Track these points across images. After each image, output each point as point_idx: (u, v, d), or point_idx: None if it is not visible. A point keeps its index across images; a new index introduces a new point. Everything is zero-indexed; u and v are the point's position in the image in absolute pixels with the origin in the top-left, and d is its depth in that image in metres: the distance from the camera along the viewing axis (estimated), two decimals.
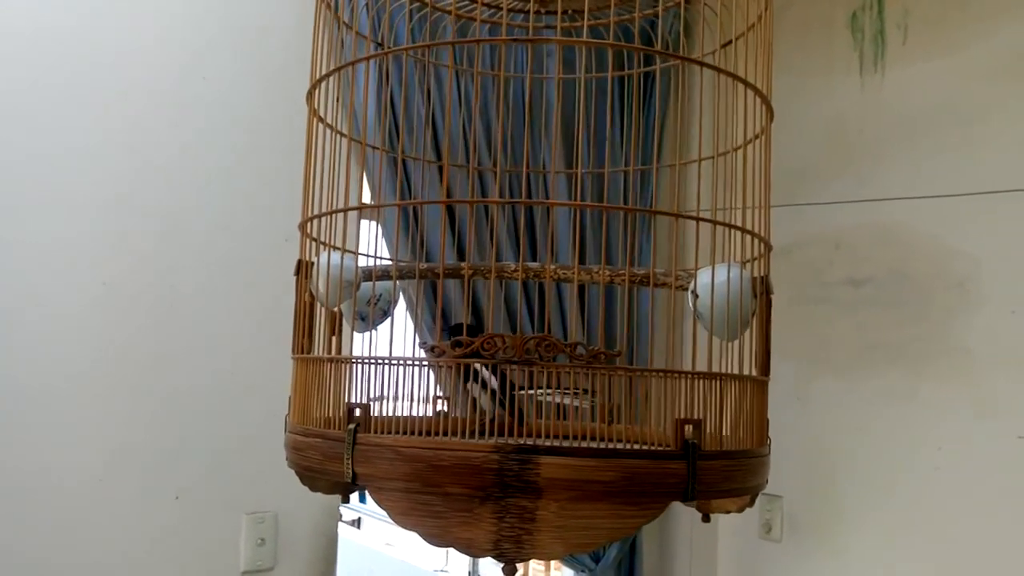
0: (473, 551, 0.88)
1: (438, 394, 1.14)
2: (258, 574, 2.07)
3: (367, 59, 0.98)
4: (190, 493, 1.97)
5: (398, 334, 0.98)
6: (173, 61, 1.98)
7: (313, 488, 1.06)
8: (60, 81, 1.84)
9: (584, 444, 0.91)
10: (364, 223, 1.19)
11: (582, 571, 2.55)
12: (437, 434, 0.96)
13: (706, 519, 1.09)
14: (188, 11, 2.00)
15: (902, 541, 2.31)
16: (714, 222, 0.99)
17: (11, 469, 1.77)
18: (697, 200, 1.03)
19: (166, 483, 1.95)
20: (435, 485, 0.86)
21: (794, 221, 2.55)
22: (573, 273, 1.14)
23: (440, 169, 2.03)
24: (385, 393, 0.96)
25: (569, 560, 2.55)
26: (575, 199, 1.72)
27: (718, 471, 0.93)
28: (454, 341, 0.87)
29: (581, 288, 2.21)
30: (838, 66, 2.51)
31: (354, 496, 2.58)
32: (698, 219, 0.96)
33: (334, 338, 1.06)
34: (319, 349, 1.06)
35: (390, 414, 0.97)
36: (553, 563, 3.23)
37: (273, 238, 2.01)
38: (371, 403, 0.96)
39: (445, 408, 1.17)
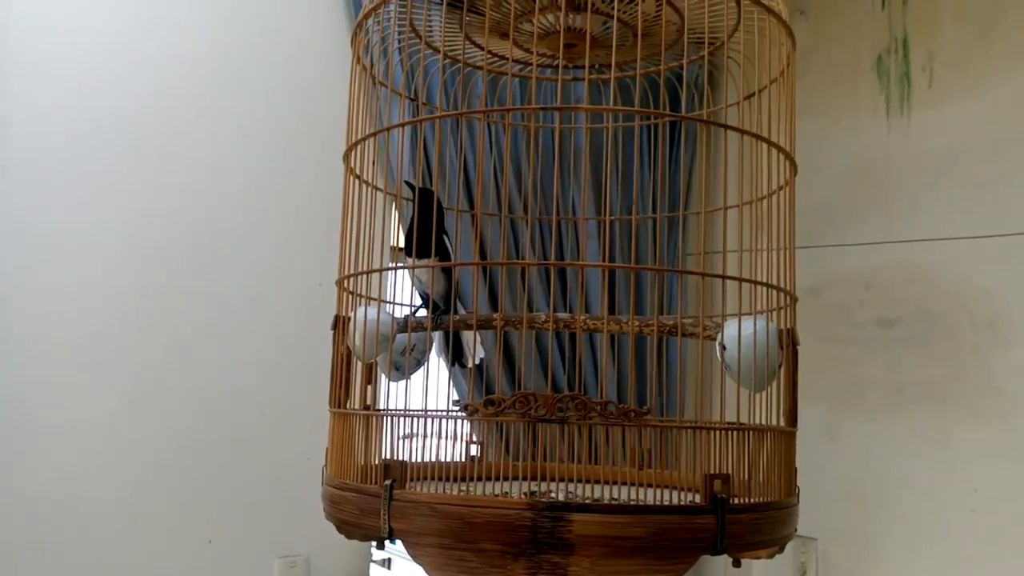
0: None
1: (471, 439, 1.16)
2: None
3: (404, 125, 1.01)
4: (223, 536, 1.98)
5: (430, 385, 1.00)
6: (210, 105, 2.02)
7: (350, 536, 1.08)
8: (95, 127, 1.87)
9: (623, 499, 0.92)
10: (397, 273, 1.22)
11: None
12: (470, 479, 0.97)
13: (736, 564, 1.10)
14: (228, 56, 2.04)
15: None
16: (740, 279, 1.00)
17: (44, 511, 1.78)
18: (724, 255, 1.05)
19: (199, 526, 1.96)
20: (469, 541, 0.88)
21: (823, 261, 2.55)
22: (603, 324, 1.16)
23: (472, 218, 2.05)
24: (415, 433, 0.98)
25: None
26: (605, 245, 1.74)
27: (747, 524, 0.94)
28: (487, 400, 0.89)
29: (612, 338, 2.23)
30: (864, 108, 2.52)
31: None
32: (724, 277, 0.98)
33: (369, 387, 1.08)
34: (355, 402, 1.08)
35: (422, 460, 0.99)
36: None
37: (308, 284, 2.04)
38: (401, 441, 0.98)
39: (476, 453, 1.19)
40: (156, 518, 1.91)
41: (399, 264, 1.00)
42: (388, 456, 0.96)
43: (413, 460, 1.00)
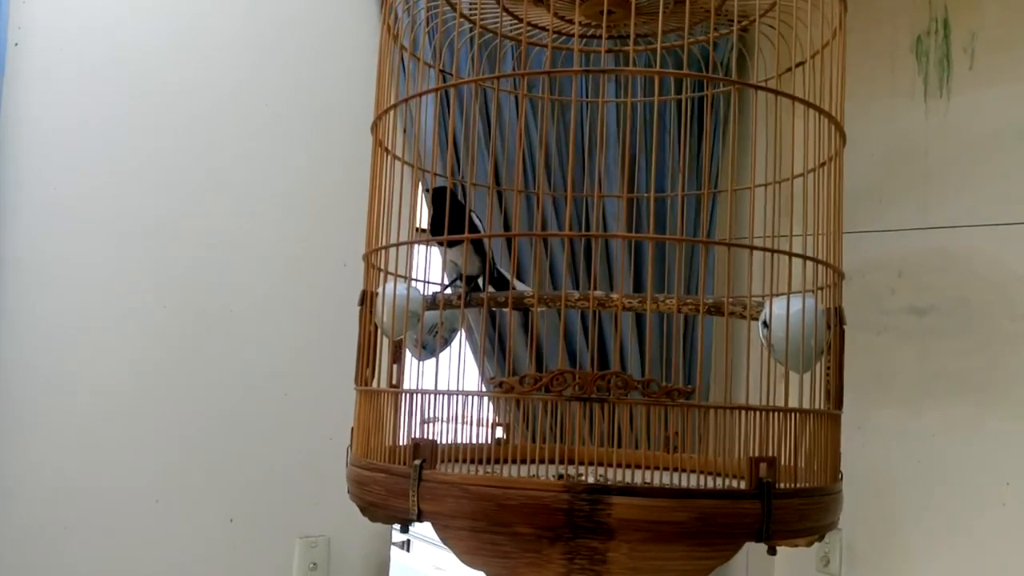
0: None
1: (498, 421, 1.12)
2: None
3: (435, 90, 0.97)
4: (244, 516, 1.97)
5: (457, 363, 0.96)
6: (236, 88, 1.99)
7: (373, 519, 1.04)
8: (123, 108, 1.85)
9: (656, 484, 0.88)
10: (425, 250, 1.17)
11: None
12: (501, 462, 0.93)
13: (772, 551, 1.05)
14: (251, 39, 2.01)
15: None
16: (788, 253, 0.96)
17: (67, 491, 1.78)
18: (751, 227, 1.00)
19: (220, 506, 1.95)
20: (503, 524, 0.83)
21: (855, 247, 2.49)
22: (643, 303, 1.12)
23: (499, 195, 2.02)
24: (441, 417, 0.94)
25: None
26: (633, 225, 1.70)
27: (793, 510, 0.90)
28: (523, 377, 0.85)
29: (643, 319, 2.18)
30: (902, 90, 2.46)
31: None
32: (769, 251, 0.94)
33: (395, 366, 1.04)
34: (381, 380, 1.05)
35: (448, 441, 0.96)
36: None
37: (332, 263, 2.02)
38: (428, 423, 0.94)
39: (502, 435, 1.15)
40: (177, 497, 1.90)
41: (429, 238, 0.95)
42: (417, 436, 0.92)
43: (440, 441, 0.96)
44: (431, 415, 0.95)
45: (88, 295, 1.81)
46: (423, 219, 1.61)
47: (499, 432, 1.15)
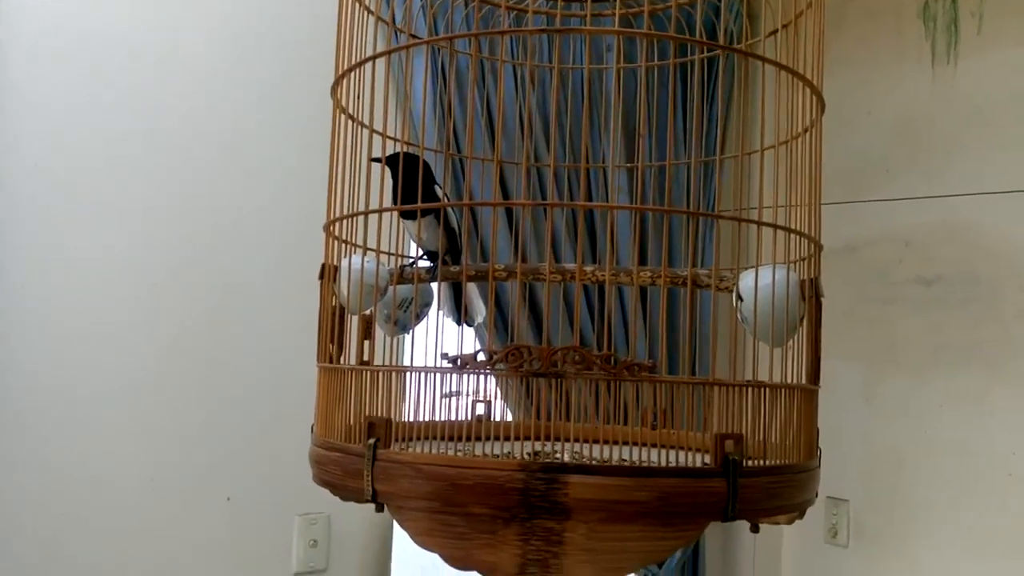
0: (497, 575, 0.83)
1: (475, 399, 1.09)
2: None
3: (387, 52, 0.94)
4: (242, 494, 1.97)
5: (429, 340, 0.94)
6: (220, 61, 1.97)
7: (344, 499, 1.02)
8: (98, 86, 1.84)
9: (617, 456, 0.85)
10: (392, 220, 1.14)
11: (645, 574, 2.50)
12: (471, 439, 0.91)
13: (755, 529, 1.03)
14: (229, 12, 1.98)
15: (973, 548, 2.23)
16: (757, 223, 0.93)
17: (63, 470, 1.77)
18: (743, 196, 0.97)
19: (218, 484, 1.95)
20: (457, 505, 0.81)
21: (861, 217, 2.47)
22: (616, 276, 1.09)
23: (499, 167, 1.99)
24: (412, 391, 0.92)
25: None
26: (637, 196, 1.67)
27: (761, 488, 0.87)
28: (476, 353, 0.83)
29: (643, 292, 2.15)
30: (908, 57, 2.42)
31: None
32: (741, 220, 0.91)
33: (367, 343, 1.02)
34: (348, 357, 1.03)
35: (422, 419, 0.93)
36: None
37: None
38: (448, 397, 0.92)
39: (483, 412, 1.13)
40: (174, 476, 1.90)
41: (392, 207, 0.93)
42: (378, 414, 0.89)
43: (413, 420, 0.94)
44: (448, 390, 0.93)
45: (79, 279, 1.80)
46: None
47: (479, 409, 1.13)
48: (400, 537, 2.34)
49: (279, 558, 2.02)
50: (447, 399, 0.94)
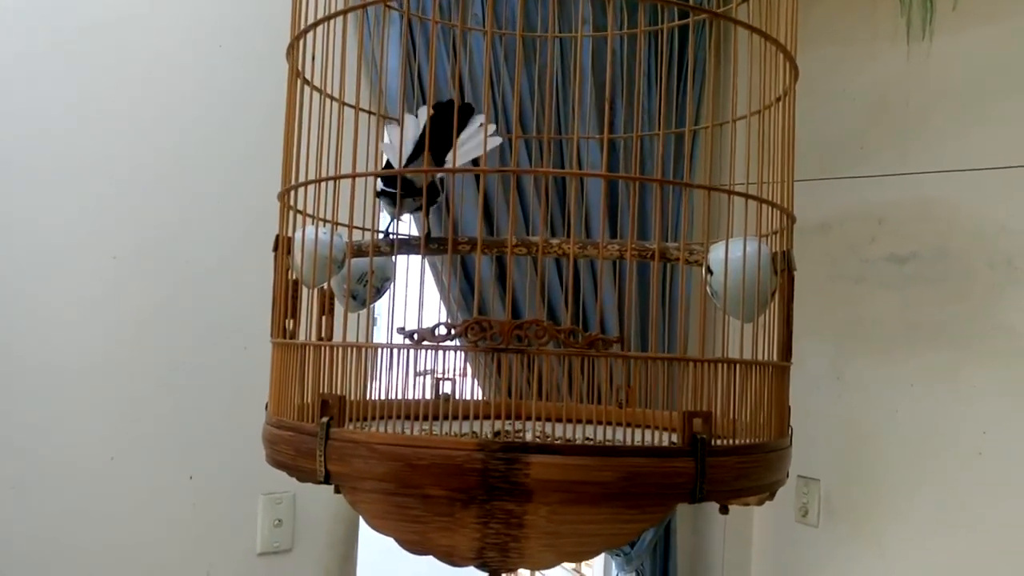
0: (454, 560, 0.79)
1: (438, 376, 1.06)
2: (275, 556, 2.03)
3: (349, 10, 0.90)
4: (205, 473, 1.93)
5: (389, 315, 0.90)
6: (176, 29, 1.92)
7: (301, 480, 0.99)
8: (52, 58, 1.78)
9: (583, 436, 0.82)
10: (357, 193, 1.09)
11: (616, 555, 2.49)
12: (433, 418, 0.88)
13: (724, 511, 1.00)
14: None
15: (943, 527, 2.22)
16: (727, 191, 0.89)
17: (21, 448, 1.73)
18: (715, 167, 0.94)
19: (180, 463, 1.91)
20: (413, 486, 0.77)
21: (834, 195, 2.46)
22: (582, 248, 1.05)
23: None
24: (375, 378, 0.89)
25: None
26: (606, 167, 1.63)
27: (731, 468, 0.84)
28: (435, 326, 0.79)
29: (614, 265, 2.13)
30: (883, 34, 2.39)
31: None
32: (712, 188, 0.87)
33: (324, 319, 0.98)
34: (305, 333, 0.99)
35: (380, 398, 0.90)
36: None
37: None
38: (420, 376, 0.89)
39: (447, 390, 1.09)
40: (134, 454, 1.85)
41: (353, 174, 0.88)
42: (333, 391, 0.85)
43: (373, 398, 0.91)
44: (423, 368, 0.90)
45: (37, 254, 1.75)
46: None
47: (445, 387, 1.09)
48: None
49: (243, 538, 1.99)
50: (419, 377, 0.91)
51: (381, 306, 1.18)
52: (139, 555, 1.86)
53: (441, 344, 0.79)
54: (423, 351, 0.84)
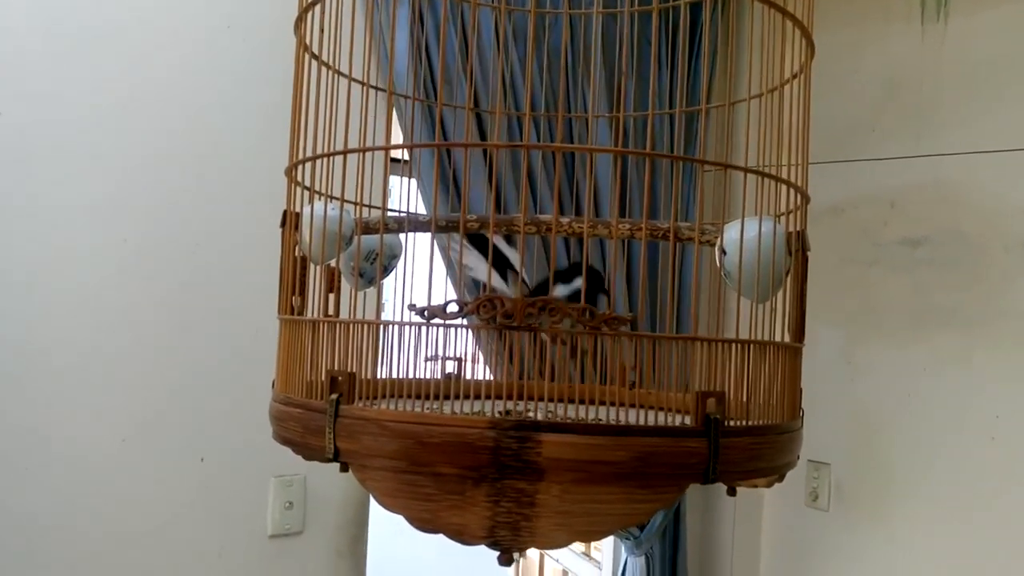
0: (465, 538, 0.79)
1: (447, 356, 1.05)
2: (286, 538, 2.04)
3: None
4: (216, 456, 1.95)
5: (399, 292, 0.90)
6: (189, 8, 1.92)
7: (308, 458, 0.98)
8: (60, 41, 1.77)
9: (594, 417, 0.81)
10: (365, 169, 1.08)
11: (626, 538, 2.50)
12: (442, 398, 0.87)
13: (731, 492, 1.00)
14: None
15: (954, 512, 2.23)
16: (742, 169, 0.88)
17: (34, 431, 1.74)
18: (729, 145, 0.93)
19: (191, 444, 1.92)
20: (424, 464, 0.77)
21: (846, 178, 2.45)
22: (593, 227, 1.05)
23: (477, 117, 1.94)
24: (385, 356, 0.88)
25: None
26: (618, 143, 1.62)
27: (743, 449, 0.83)
28: (446, 303, 0.78)
29: (625, 244, 2.12)
30: (897, 14, 2.38)
31: None
32: (724, 166, 0.86)
33: (332, 296, 0.98)
34: (312, 310, 0.98)
35: (387, 376, 0.90)
36: None
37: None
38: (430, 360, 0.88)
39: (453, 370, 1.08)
40: (146, 437, 1.86)
41: (361, 148, 0.87)
42: (342, 368, 0.85)
43: (380, 377, 0.90)
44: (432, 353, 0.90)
45: (48, 237, 1.76)
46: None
47: (450, 367, 1.09)
48: None
49: (254, 520, 2.00)
50: (428, 362, 0.91)
51: (388, 286, 1.18)
52: (151, 538, 1.87)
53: (452, 322, 0.78)
54: (433, 329, 0.83)
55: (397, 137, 1.95)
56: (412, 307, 0.79)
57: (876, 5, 2.42)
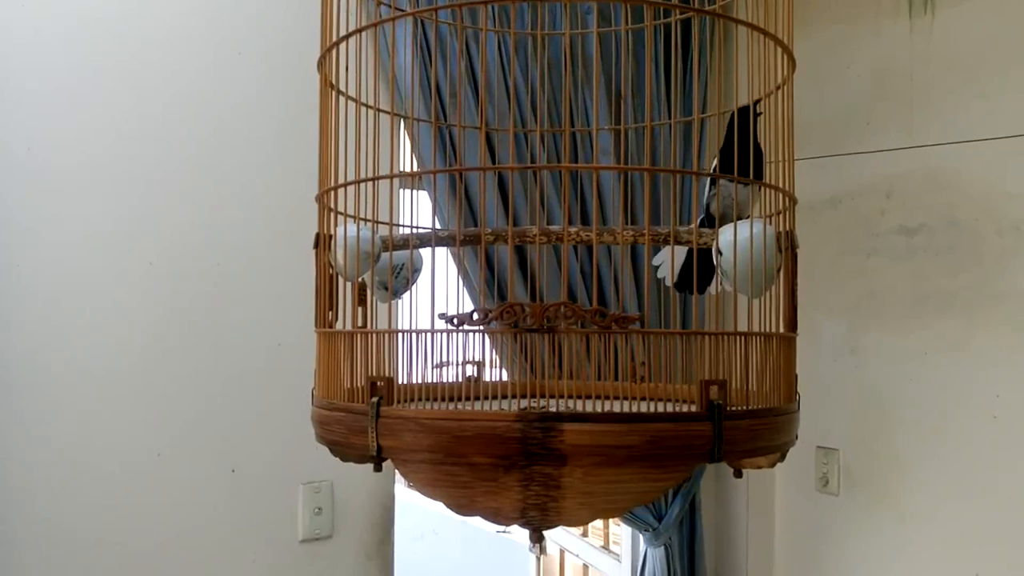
0: (500, 519, 0.88)
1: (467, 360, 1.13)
2: (316, 543, 2.10)
3: (371, 27, 0.97)
4: (246, 466, 2.00)
5: (423, 303, 0.98)
6: (210, 40, 1.99)
7: (344, 459, 1.08)
8: (87, 68, 1.85)
9: (607, 409, 0.90)
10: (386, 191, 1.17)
11: (645, 530, 2.56)
12: (464, 399, 0.96)
13: (738, 475, 1.09)
14: None
15: (961, 491, 2.28)
16: (732, 179, 0.97)
17: (70, 446, 1.81)
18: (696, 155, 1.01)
19: (222, 456, 1.98)
20: (459, 455, 0.86)
21: (842, 171, 2.51)
22: (600, 236, 1.13)
23: (486, 135, 2.01)
24: (416, 363, 0.96)
25: (631, 519, 2.56)
26: (621, 158, 1.70)
27: (744, 431, 0.92)
28: (472, 311, 0.87)
29: (631, 250, 2.19)
30: (886, 10, 2.44)
31: None
32: (719, 176, 0.95)
33: (360, 308, 1.07)
34: (343, 322, 1.07)
35: (417, 381, 0.98)
36: (612, 522, 3.24)
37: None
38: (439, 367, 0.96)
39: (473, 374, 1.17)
40: (178, 450, 1.93)
41: (391, 174, 0.96)
42: (376, 374, 0.94)
43: (407, 382, 0.99)
44: (440, 360, 0.98)
45: (79, 257, 1.83)
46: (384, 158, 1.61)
47: (470, 370, 1.18)
48: (402, 503, 2.39)
49: (285, 526, 2.07)
50: (439, 368, 0.99)
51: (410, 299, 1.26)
52: (185, 547, 1.93)
53: (479, 328, 0.87)
54: (460, 335, 0.92)
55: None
56: (443, 316, 0.87)
57: (865, 1, 2.48)
